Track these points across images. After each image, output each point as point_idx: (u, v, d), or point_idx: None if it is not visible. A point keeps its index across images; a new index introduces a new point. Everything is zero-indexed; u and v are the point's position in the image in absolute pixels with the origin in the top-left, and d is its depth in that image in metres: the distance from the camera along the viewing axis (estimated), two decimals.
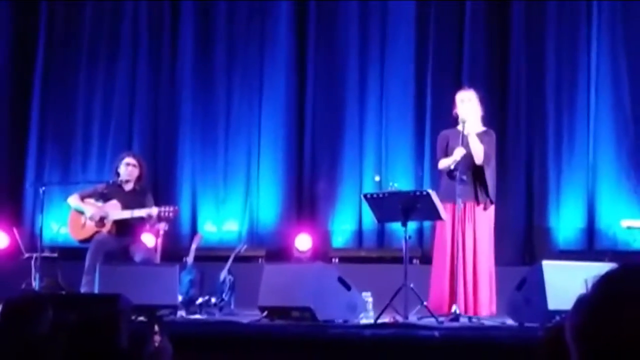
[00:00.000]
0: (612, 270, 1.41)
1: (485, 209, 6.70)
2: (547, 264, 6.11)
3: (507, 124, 9.02)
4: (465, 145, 6.61)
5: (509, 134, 9.00)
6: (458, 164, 6.57)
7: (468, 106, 6.78)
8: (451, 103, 7.01)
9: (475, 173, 6.70)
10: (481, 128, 6.85)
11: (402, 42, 9.38)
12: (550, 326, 1.59)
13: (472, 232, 6.60)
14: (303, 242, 8.95)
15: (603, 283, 1.38)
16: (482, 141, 6.70)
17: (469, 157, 6.63)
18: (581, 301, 1.39)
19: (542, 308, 5.84)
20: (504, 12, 9.21)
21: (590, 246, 8.72)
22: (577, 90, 9.01)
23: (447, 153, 6.77)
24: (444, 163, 6.73)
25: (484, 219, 6.69)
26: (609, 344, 1.33)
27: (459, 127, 6.79)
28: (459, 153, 6.58)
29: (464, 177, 6.58)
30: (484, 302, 6.56)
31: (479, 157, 6.66)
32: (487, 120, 8.08)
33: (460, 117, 6.73)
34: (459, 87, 7.58)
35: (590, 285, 1.40)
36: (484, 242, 6.66)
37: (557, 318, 5.62)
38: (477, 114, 6.84)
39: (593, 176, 8.85)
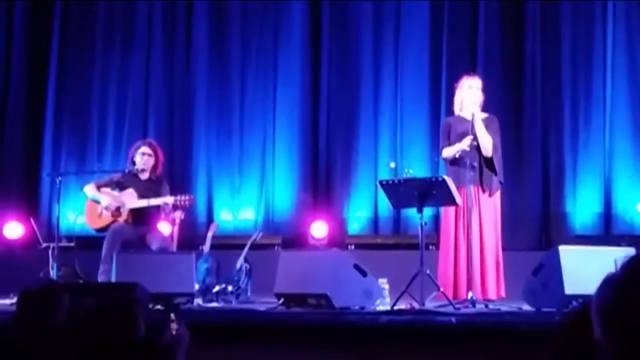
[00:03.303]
0: None
1: (490, 195, 6.69)
2: (563, 249, 6.08)
3: (522, 110, 8.99)
4: (474, 133, 6.60)
5: (525, 119, 8.97)
6: (469, 150, 6.56)
7: (477, 93, 6.77)
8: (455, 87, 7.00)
9: (483, 160, 6.69)
10: (483, 114, 6.83)
11: (417, 28, 9.35)
12: (569, 311, 1.59)
13: (478, 217, 6.59)
14: (319, 229, 8.96)
15: (632, 264, 1.38)
16: (487, 127, 6.67)
17: (477, 142, 6.62)
18: (609, 280, 1.39)
19: (559, 293, 5.83)
20: (518, 2, 9.15)
21: (607, 231, 8.69)
22: (593, 75, 8.96)
23: (449, 140, 6.76)
24: (449, 152, 6.71)
25: (489, 204, 6.68)
26: (634, 322, 1.32)
27: (462, 114, 6.79)
28: (467, 142, 6.56)
29: (475, 164, 6.57)
30: (491, 286, 6.57)
31: (487, 150, 6.64)
32: (502, 107, 8.08)
33: (469, 103, 6.71)
34: (474, 73, 7.56)
35: (619, 265, 1.40)
36: (490, 227, 6.65)
37: (574, 303, 5.61)
38: (480, 101, 6.84)
39: (609, 161, 8.81)
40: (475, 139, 6.58)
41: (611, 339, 1.35)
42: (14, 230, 9.17)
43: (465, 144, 6.58)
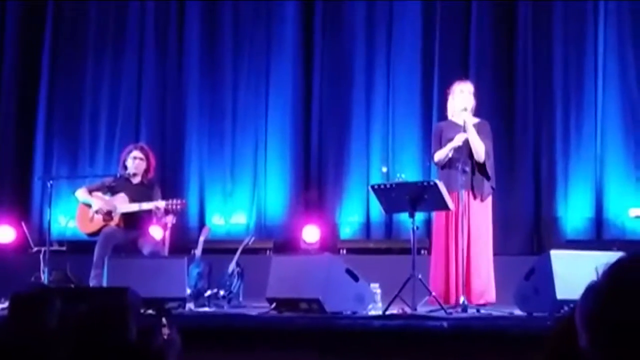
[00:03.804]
0: (622, 258, 1.42)
1: (482, 200, 6.71)
2: (555, 254, 6.09)
3: (514, 115, 9.01)
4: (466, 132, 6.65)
5: (517, 124, 8.99)
6: (461, 154, 6.57)
7: (468, 98, 6.81)
8: (448, 93, 7.03)
9: (475, 165, 6.70)
10: (475, 119, 6.85)
11: (409, 32, 9.36)
12: (560, 316, 1.59)
13: (467, 222, 6.60)
14: (311, 233, 8.95)
15: (613, 270, 1.39)
16: (478, 132, 6.69)
17: (469, 147, 6.64)
18: (591, 288, 1.39)
19: (550, 298, 5.84)
20: (510, 5, 9.18)
21: (598, 236, 8.70)
22: (584, 80, 8.98)
23: (441, 145, 6.78)
24: (442, 153, 6.72)
25: (480, 209, 6.70)
26: (618, 331, 1.33)
27: (454, 119, 6.83)
28: (460, 138, 6.59)
29: (467, 168, 6.58)
30: (479, 291, 6.58)
31: (479, 156, 6.66)
32: (494, 111, 8.09)
33: (461, 107, 6.74)
34: (466, 77, 7.59)
35: (600, 272, 1.40)
36: (480, 232, 6.67)
37: (566, 308, 5.62)
38: (472, 105, 6.86)
39: (601, 166, 8.83)
40: (468, 130, 6.61)
41: (596, 348, 1.35)
42: (5, 234, 9.13)
43: (458, 140, 6.61)
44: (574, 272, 5.68)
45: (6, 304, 5.54)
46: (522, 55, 9.06)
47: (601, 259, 1.45)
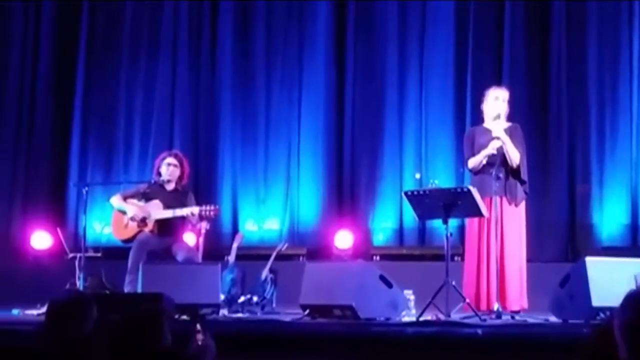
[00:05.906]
0: None
1: (516, 205, 6.65)
2: (590, 261, 6.04)
3: (548, 120, 8.95)
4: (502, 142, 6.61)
5: (551, 130, 8.93)
6: (495, 161, 6.53)
7: (501, 105, 6.76)
8: (482, 97, 6.99)
9: (509, 171, 6.65)
10: (506, 123, 6.80)
11: (442, 38, 9.34)
12: (597, 324, 1.58)
13: (501, 228, 6.55)
14: (344, 240, 8.95)
15: None
16: (510, 136, 6.64)
17: (503, 153, 6.60)
18: (630, 297, 1.38)
19: (586, 305, 5.79)
20: (544, 7, 9.13)
21: (634, 242, 8.62)
22: (619, 85, 8.91)
23: (473, 150, 6.74)
24: (476, 160, 6.67)
25: (514, 215, 6.64)
26: None
27: (486, 125, 6.78)
28: (494, 145, 6.56)
29: (500, 175, 6.54)
30: (512, 297, 6.53)
31: (513, 162, 6.61)
32: (528, 116, 8.01)
33: (493, 114, 6.70)
34: (499, 83, 7.54)
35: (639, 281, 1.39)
36: (513, 238, 6.60)
37: (601, 315, 5.57)
38: (505, 113, 6.83)
39: (636, 171, 8.75)
40: (503, 142, 6.57)
41: (637, 359, 1.34)
42: (42, 240, 9.23)
43: (492, 147, 6.57)
44: (610, 279, 5.64)
45: (43, 310, 5.59)
46: (556, 59, 9.00)
47: (637, 266, 1.43)
